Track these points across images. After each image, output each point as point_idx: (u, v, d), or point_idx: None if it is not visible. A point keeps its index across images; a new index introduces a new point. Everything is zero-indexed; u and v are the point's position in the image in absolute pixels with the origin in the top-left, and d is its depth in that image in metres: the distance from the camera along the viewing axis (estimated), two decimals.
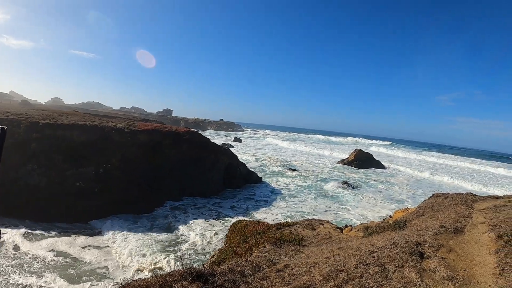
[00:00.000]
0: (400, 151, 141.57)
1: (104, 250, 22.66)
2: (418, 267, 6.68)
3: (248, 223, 16.06)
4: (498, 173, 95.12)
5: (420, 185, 59.17)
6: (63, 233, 24.43)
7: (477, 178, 77.94)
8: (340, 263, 7.01)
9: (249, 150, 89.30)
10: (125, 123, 35.47)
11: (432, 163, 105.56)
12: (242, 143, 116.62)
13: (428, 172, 76.83)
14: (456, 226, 10.35)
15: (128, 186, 30.13)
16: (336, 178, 56.29)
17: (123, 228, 25.75)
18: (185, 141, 37.71)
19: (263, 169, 59.37)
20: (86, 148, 29.72)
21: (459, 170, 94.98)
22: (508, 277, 6.67)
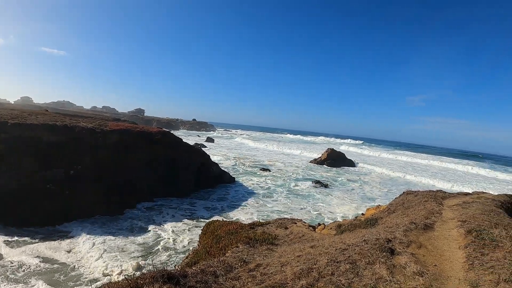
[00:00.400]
0: (372, 150, 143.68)
1: (74, 255, 22.07)
2: (388, 264, 6.73)
3: (221, 223, 15.97)
4: (467, 171, 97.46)
5: (392, 183, 60.10)
6: (31, 237, 23.73)
7: (447, 176, 79.68)
8: (312, 261, 7.01)
9: (222, 150, 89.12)
10: (96, 123, 34.78)
11: (403, 162, 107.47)
12: (215, 143, 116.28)
13: (399, 170, 78.28)
14: (426, 223, 10.49)
15: (100, 188, 29.57)
16: (309, 177, 56.68)
17: (94, 231, 25.19)
18: (157, 141, 37.26)
19: (236, 169, 59.28)
20: (56, 149, 29.01)
21: (429, 168, 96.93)
22: (478, 271, 6.77)
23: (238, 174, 53.47)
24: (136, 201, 31.71)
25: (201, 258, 11.99)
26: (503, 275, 6.25)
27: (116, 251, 22.34)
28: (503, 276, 6.23)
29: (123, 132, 34.72)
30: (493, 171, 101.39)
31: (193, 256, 13.30)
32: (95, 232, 25.12)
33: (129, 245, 23.60)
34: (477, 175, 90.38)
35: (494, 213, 12.28)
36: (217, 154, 76.54)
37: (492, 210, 12.95)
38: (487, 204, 14.36)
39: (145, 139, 36.21)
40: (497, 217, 11.63)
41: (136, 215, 29.39)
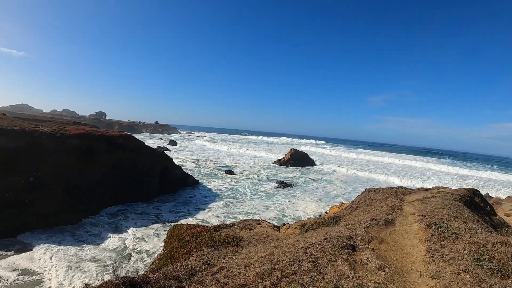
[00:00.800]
0: (335, 150, 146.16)
1: (34, 268, 21.12)
2: (350, 260, 6.76)
3: (186, 227, 15.79)
4: (428, 168, 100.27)
5: (354, 182, 61.06)
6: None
7: (409, 173, 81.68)
8: (275, 261, 6.97)
9: (185, 153, 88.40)
10: (56, 127, 33.69)
11: (365, 161, 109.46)
12: (178, 145, 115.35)
13: (362, 169, 79.66)
14: (387, 218, 10.63)
15: (61, 195, 28.65)
16: (273, 178, 56.93)
17: (56, 241, 24.22)
18: (119, 145, 36.49)
19: (199, 171, 58.87)
20: (15, 155, 27.92)
21: (391, 166, 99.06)
22: (438, 263, 6.89)
23: (202, 177, 53.12)
24: (99, 207, 30.94)
25: (166, 263, 11.81)
26: (463, 266, 6.37)
27: (80, 261, 21.60)
28: (463, 266, 6.35)
29: (84, 136, 33.83)
30: (453, 167, 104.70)
31: (159, 262, 13.09)
32: (58, 242, 24.12)
33: (93, 253, 22.84)
34: (438, 172, 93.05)
35: (453, 207, 12.57)
36: (180, 157, 75.95)
37: (452, 204, 13.25)
38: (446, 198, 14.71)
39: (106, 143, 35.43)
40: (456, 211, 11.91)
41: (100, 222, 28.58)
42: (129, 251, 23.62)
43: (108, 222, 28.69)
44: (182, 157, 76.03)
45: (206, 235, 13.26)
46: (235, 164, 72.26)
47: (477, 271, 6.16)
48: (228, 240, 11.89)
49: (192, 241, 12.70)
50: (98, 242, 24.77)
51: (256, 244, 11.71)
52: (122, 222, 29.05)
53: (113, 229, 27.32)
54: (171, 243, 14.25)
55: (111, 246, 24.31)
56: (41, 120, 40.88)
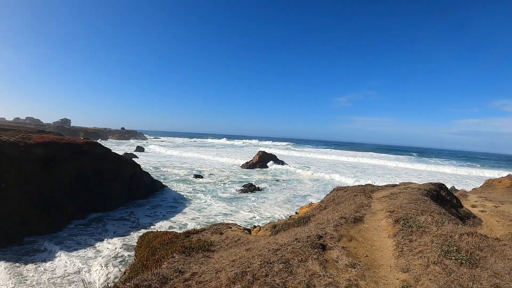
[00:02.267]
0: (302, 151, 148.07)
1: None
2: (321, 259, 6.78)
3: (156, 234, 15.59)
4: (396, 166, 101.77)
5: (323, 181, 61.55)
6: None
7: (377, 171, 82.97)
8: (245, 265, 6.93)
9: (152, 159, 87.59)
10: (19, 136, 32.77)
11: (333, 161, 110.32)
12: (145, 151, 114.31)
13: (329, 169, 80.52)
14: (356, 216, 10.75)
15: (26, 206, 27.83)
16: (242, 181, 56.85)
17: (18, 259, 23.28)
18: (84, 152, 35.70)
19: (168, 177, 58.23)
20: None
21: (358, 165, 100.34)
22: (407, 257, 7.00)
23: (171, 182, 52.60)
24: (67, 218, 30.09)
25: (137, 272, 11.64)
26: (432, 258, 6.50)
27: (53, 277, 20.94)
28: (431, 259, 6.48)
29: (49, 144, 33.01)
30: (418, 163, 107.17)
31: (130, 271, 12.88)
32: (19, 260, 22.90)
33: (64, 269, 22.09)
34: (404, 169, 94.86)
35: (420, 201, 12.83)
36: (148, 162, 75.30)
37: (419, 198, 13.52)
38: (413, 193, 14.99)
39: (72, 151, 34.66)
40: (423, 205, 12.16)
41: (68, 234, 27.77)
42: (97, 262, 23.00)
43: (75, 233, 27.92)
44: (150, 163, 75.35)
45: (177, 242, 13.11)
46: (204, 168, 71.92)
47: (445, 263, 6.30)
48: (199, 246, 11.79)
49: (163, 248, 12.55)
50: (68, 256, 23.73)
51: (227, 248, 11.66)
52: (91, 233, 28.21)
53: (84, 241, 26.46)
54: (142, 252, 14.04)
55: (78, 258, 23.54)
56: (3, 129, 39.64)
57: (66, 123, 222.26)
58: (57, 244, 25.41)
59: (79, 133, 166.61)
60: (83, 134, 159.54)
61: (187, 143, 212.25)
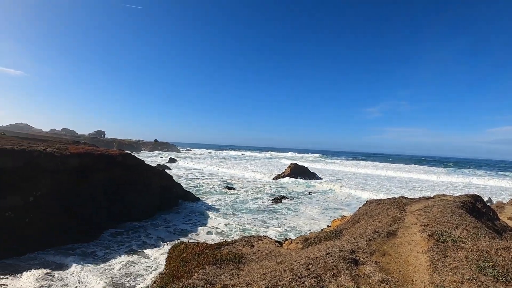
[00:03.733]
0: (334, 164, 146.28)
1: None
2: (353, 274, 6.71)
3: (187, 245, 15.67)
4: (430, 180, 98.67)
5: (355, 195, 60.64)
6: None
7: (411, 184, 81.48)
8: (277, 278, 6.91)
9: (184, 170, 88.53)
10: (55, 147, 33.57)
11: (365, 174, 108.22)
12: (178, 163, 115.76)
13: (362, 182, 79.63)
14: (389, 230, 10.58)
15: (61, 215, 28.41)
16: (273, 193, 56.77)
17: (62, 262, 23.86)
18: (118, 164, 36.41)
19: (199, 188, 58.78)
20: (14, 174, 27.70)
21: (390, 178, 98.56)
22: (441, 273, 6.84)
23: (203, 194, 53.05)
24: (99, 228, 30.71)
25: (168, 282, 11.72)
26: (467, 274, 6.34)
27: (91, 283, 21.21)
28: (466, 275, 6.32)
29: (83, 155, 33.72)
30: (452, 175, 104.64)
31: (160, 281, 12.98)
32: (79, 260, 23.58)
33: (101, 276, 22.34)
34: (439, 181, 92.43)
35: (455, 215, 12.52)
36: (180, 174, 76.17)
37: (453, 211, 13.20)
38: (448, 206, 14.65)
39: (106, 162, 35.34)
40: (459, 218, 11.86)
41: (103, 243, 28.28)
42: (133, 271, 23.25)
43: (111, 243, 28.32)
44: (182, 174, 76.16)
45: (208, 253, 13.15)
46: (235, 180, 72.24)
47: (481, 279, 6.13)
48: (230, 258, 11.80)
49: (194, 259, 12.60)
50: (105, 264, 24.18)
51: (258, 260, 11.62)
52: (124, 242, 28.64)
53: (117, 250, 26.85)
54: (172, 262, 14.12)
55: (115, 266, 23.82)
56: (40, 140, 40.72)
57: (100, 135, 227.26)
58: (88, 256, 25.87)
59: (113, 144, 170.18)
60: (117, 146, 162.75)
61: (218, 154, 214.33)
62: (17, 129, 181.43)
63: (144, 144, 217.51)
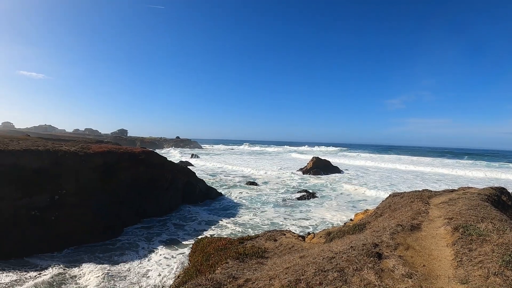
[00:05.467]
0: (356, 158, 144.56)
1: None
2: (376, 268, 6.66)
3: (210, 240, 15.77)
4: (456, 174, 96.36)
5: (379, 187, 60.10)
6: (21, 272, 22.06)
7: (433, 178, 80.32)
8: (300, 272, 6.91)
9: (207, 166, 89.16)
10: (79, 146, 34.17)
11: (386, 168, 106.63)
12: (200, 159, 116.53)
13: (384, 176, 78.93)
14: (412, 223, 10.48)
15: (86, 213, 28.84)
16: (296, 187, 56.81)
17: (88, 261, 23.87)
18: (141, 161, 36.96)
19: (222, 184, 59.19)
20: (39, 174, 28.19)
21: (411, 172, 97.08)
22: (466, 267, 6.76)
23: (225, 189, 53.41)
24: (124, 224, 31.10)
25: (191, 276, 11.81)
26: (492, 269, 6.25)
27: (118, 280, 21.36)
28: (492, 270, 6.23)
29: (107, 154, 34.20)
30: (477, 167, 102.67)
31: (184, 276, 13.09)
32: (91, 262, 23.61)
33: (128, 273, 22.35)
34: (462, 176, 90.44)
35: (480, 207, 12.33)
36: (202, 170, 76.73)
37: (479, 204, 13.01)
38: (473, 199, 14.45)
39: (129, 160, 35.79)
40: (484, 211, 11.68)
41: (128, 239, 28.60)
42: (156, 267, 23.45)
43: (135, 239, 28.66)
44: (205, 170, 76.68)
45: (230, 248, 13.22)
46: (257, 175, 72.40)
47: (507, 274, 6.04)
48: (253, 252, 11.84)
49: (217, 254, 12.67)
50: (127, 261, 24.27)
51: (281, 255, 11.63)
52: (148, 238, 29.01)
53: (140, 246, 27.16)
54: (196, 257, 14.22)
55: (141, 264, 24.10)
56: (64, 140, 41.50)
57: (123, 133, 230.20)
58: (113, 251, 26.29)
59: (136, 142, 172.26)
60: (139, 144, 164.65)
61: (240, 150, 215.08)
62: (41, 130, 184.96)
63: (166, 141, 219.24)
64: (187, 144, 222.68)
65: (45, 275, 21.26)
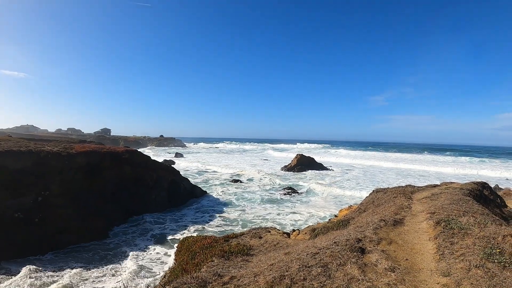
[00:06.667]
0: (340, 155, 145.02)
1: None
2: (359, 263, 6.74)
3: (196, 239, 15.78)
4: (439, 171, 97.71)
5: (363, 183, 60.56)
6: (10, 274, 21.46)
7: (417, 174, 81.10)
8: (284, 269, 6.96)
9: (191, 165, 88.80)
10: (62, 146, 33.74)
11: (371, 166, 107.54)
12: (184, 158, 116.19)
13: (368, 170, 79.41)
14: (395, 218, 10.60)
15: (71, 213, 28.48)
16: (280, 185, 56.85)
17: (72, 264, 23.53)
18: (125, 160, 36.70)
19: (207, 182, 59.09)
20: (22, 175, 27.88)
21: (393, 169, 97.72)
22: (448, 260, 6.86)
23: (210, 187, 53.34)
24: (109, 224, 30.85)
25: (177, 276, 11.81)
26: (474, 262, 6.36)
27: (98, 283, 21.06)
28: (473, 262, 6.34)
29: (90, 154, 33.85)
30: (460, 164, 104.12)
31: (170, 275, 13.09)
32: (77, 265, 23.21)
33: (113, 274, 22.08)
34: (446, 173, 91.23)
35: (462, 202, 12.52)
36: (187, 169, 76.65)
37: (461, 199, 13.20)
38: (455, 193, 14.65)
39: (112, 159, 35.52)
40: (466, 205, 11.86)
41: (114, 240, 28.33)
42: (138, 266, 23.24)
43: (121, 240, 28.42)
44: (189, 169, 76.56)
45: (216, 246, 13.25)
46: (242, 172, 72.27)
47: (488, 266, 6.15)
48: (238, 250, 11.88)
49: (203, 252, 12.69)
50: (114, 262, 24.04)
51: (266, 252, 11.69)
52: (134, 239, 28.77)
53: (127, 247, 26.81)
54: (181, 255, 14.22)
55: (125, 265, 23.87)
56: (46, 140, 40.95)
57: (106, 133, 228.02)
58: (98, 252, 26.04)
59: (119, 142, 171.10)
60: (123, 143, 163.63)
61: (224, 148, 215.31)
62: (23, 130, 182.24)
63: (150, 140, 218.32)
64: (171, 142, 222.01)
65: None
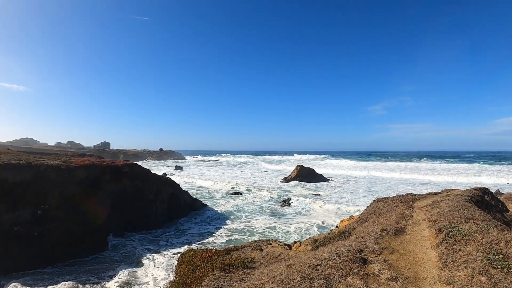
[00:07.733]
0: (339, 166, 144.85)
1: None
2: (362, 273, 6.68)
3: (197, 252, 15.70)
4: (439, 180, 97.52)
5: (364, 194, 60.44)
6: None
7: (417, 182, 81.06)
8: (286, 281, 6.90)
9: (191, 178, 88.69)
10: (61, 160, 33.66)
11: (370, 176, 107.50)
12: (184, 171, 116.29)
13: (369, 180, 79.24)
14: (397, 227, 10.54)
15: (70, 227, 28.44)
16: (281, 196, 56.63)
17: (71, 279, 23.47)
18: (124, 174, 36.60)
19: (207, 195, 58.92)
20: (22, 188, 27.79)
21: (394, 180, 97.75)
22: (451, 268, 6.81)
23: (210, 200, 53.17)
24: (109, 237, 30.74)
25: None
26: (477, 268, 6.30)
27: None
28: (477, 269, 6.28)
29: (90, 167, 33.78)
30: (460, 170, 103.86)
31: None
32: (71, 279, 22.87)
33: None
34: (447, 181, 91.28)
35: (463, 208, 12.47)
36: (187, 182, 76.60)
37: (462, 205, 13.14)
38: (456, 200, 14.59)
39: (112, 173, 35.44)
40: (467, 212, 11.81)
41: (114, 253, 28.20)
42: (140, 281, 23.17)
43: (119, 254, 28.32)
44: (189, 182, 76.37)
45: (217, 259, 13.16)
46: (242, 185, 72.08)
47: (491, 272, 6.10)
48: (239, 263, 11.81)
49: (204, 265, 12.61)
50: (112, 277, 23.99)
51: (267, 264, 11.61)
52: (132, 253, 28.60)
53: (126, 261, 26.70)
54: (182, 269, 14.13)
55: (123, 278, 23.75)
56: (46, 153, 41.02)
57: (106, 146, 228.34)
58: (97, 266, 25.83)
59: (119, 155, 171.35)
60: (122, 156, 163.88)
61: (224, 161, 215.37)
62: (23, 144, 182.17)
63: (150, 153, 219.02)
64: (171, 155, 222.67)
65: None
